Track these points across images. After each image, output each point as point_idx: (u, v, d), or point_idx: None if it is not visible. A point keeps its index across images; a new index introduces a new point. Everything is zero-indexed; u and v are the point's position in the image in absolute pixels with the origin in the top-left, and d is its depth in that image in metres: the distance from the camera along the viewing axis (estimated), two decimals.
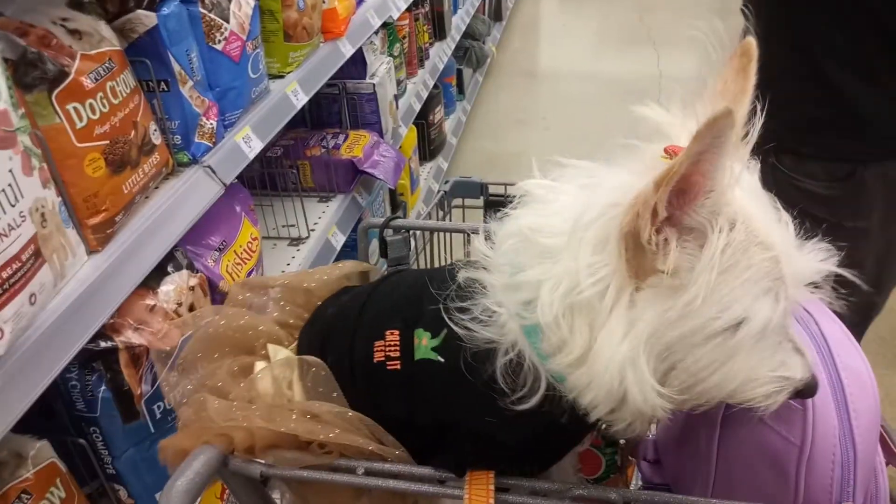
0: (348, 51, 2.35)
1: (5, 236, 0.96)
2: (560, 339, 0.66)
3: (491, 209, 1.36)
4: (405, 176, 3.15)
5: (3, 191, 0.95)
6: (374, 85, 2.63)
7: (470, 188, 1.38)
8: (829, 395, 0.72)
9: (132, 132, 1.28)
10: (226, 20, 1.58)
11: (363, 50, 2.59)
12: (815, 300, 0.82)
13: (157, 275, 1.38)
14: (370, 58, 2.68)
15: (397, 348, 0.77)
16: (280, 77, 2.00)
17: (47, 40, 1.12)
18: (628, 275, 0.62)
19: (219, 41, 1.57)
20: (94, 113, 1.18)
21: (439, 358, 0.74)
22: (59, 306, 1.11)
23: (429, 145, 3.76)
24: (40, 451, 1.14)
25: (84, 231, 1.20)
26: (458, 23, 4.38)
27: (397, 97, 2.97)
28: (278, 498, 0.92)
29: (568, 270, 0.64)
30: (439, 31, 4.03)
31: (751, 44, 0.71)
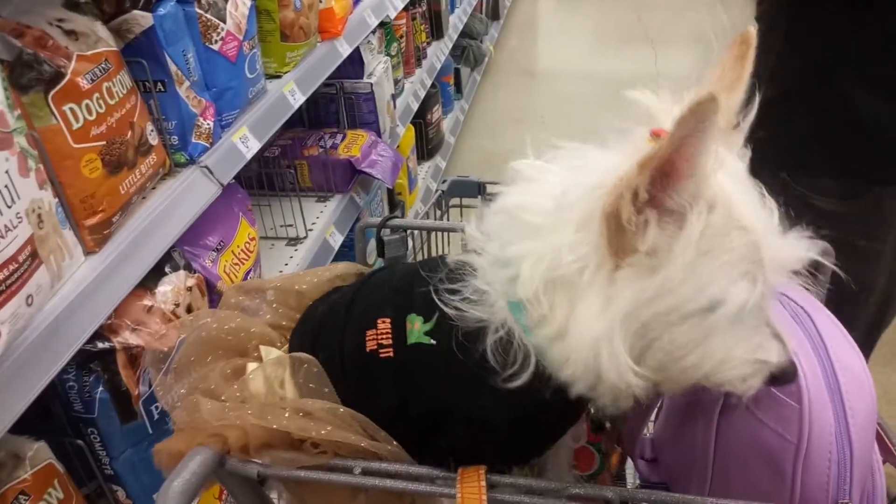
0: (345, 50, 2.35)
1: (2, 238, 0.95)
2: (540, 314, 0.67)
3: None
4: (403, 175, 3.15)
5: (0, 192, 0.95)
6: (371, 84, 2.63)
7: (467, 187, 1.38)
8: (826, 394, 0.72)
9: (129, 133, 1.28)
10: (222, 20, 1.58)
11: (360, 49, 2.59)
12: (810, 297, 0.82)
13: (155, 275, 1.38)
14: (367, 57, 2.68)
15: (389, 336, 0.78)
16: (277, 77, 2.00)
17: (43, 41, 1.11)
18: (609, 253, 0.63)
19: (215, 41, 1.57)
20: (90, 114, 1.18)
21: (431, 341, 0.75)
22: (56, 307, 1.11)
23: (427, 144, 3.76)
24: (38, 452, 1.14)
25: (81, 232, 1.20)
26: (455, 22, 4.38)
27: (395, 96, 2.97)
28: (276, 497, 0.92)
29: (550, 247, 0.65)
30: (437, 31, 4.03)
31: (750, 32, 0.72)
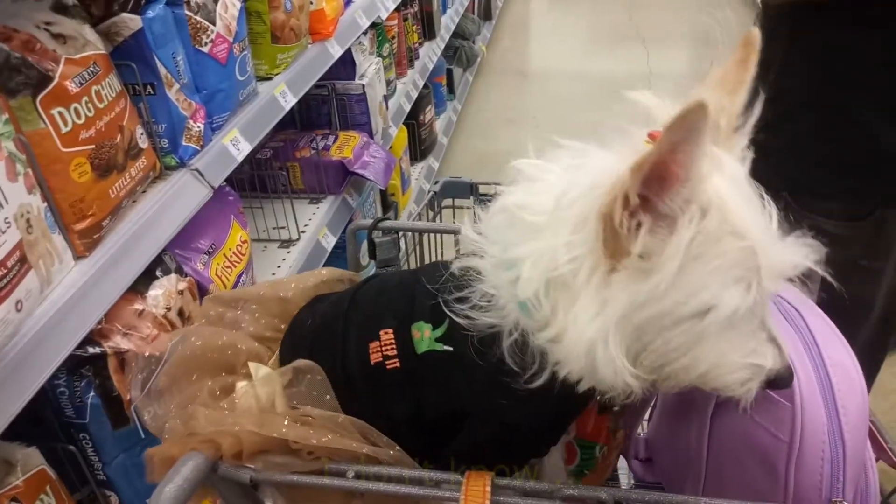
0: (337, 52, 2.34)
1: None
2: (542, 315, 0.67)
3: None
4: (396, 176, 3.15)
5: None
6: (363, 86, 2.62)
7: (460, 188, 1.38)
8: (818, 392, 0.73)
9: (118, 136, 1.27)
10: (212, 22, 1.58)
11: (352, 51, 2.58)
12: (802, 296, 0.82)
13: (146, 279, 1.38)
14: (359, 58, 2.67)
15: (393, 347, 0.78)
16: (268, 79, 2.00)
17: (31, 45, 1.11)
18: (604, 255, 0.63)
19: (205, 44, 1.57)
20: (79, 117, 1.17)
21: (446, 347, 0.75)
22: (46, 312, 1.10)
23: (419, 145, 3.76)
24: (29, 458, 1.13)
25: (71, 236, 1.19)
26: (447, 22, 4.38)
27: (387, 97, 2.97)
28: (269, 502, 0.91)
29: (548, 247, 0.65)
30: (428, 31, 4.03)
31: (754, 35, 0.71)
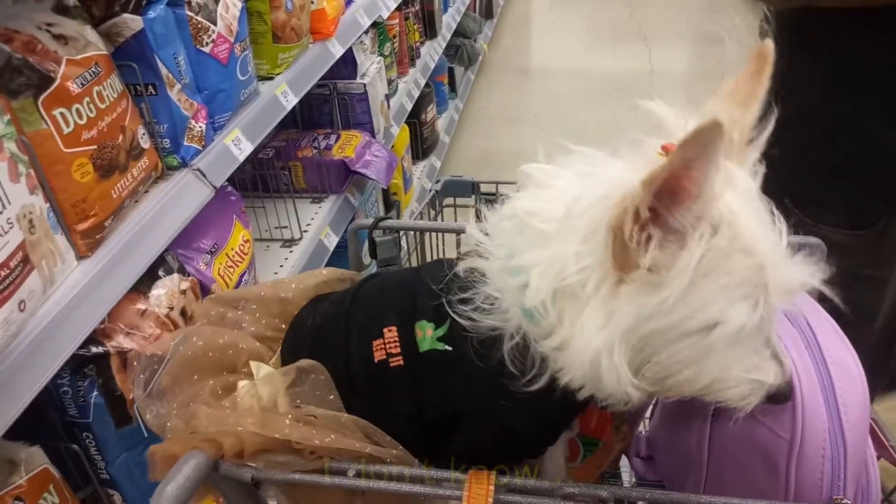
0: (338, 51, 2.34)
1: None
2: (548, 323, 0.67)
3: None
4: (398, 175, 3.15)
5: None
6: (364, 85, 2.62)
7: (461, 187, 1.38)
8: (818, 390, 0.73)
9: (120, 136, 1.27)
10: (213, 22, 1.58)
11: (353, 50, 2.58)
12: (804, 294, 0.82)
13: (148, 279, 1.38)
14: (360, 58, 2.67)
15: (397, 345, 0.78)
16: (269, 79, 2.00)
17: (32, 46, 1.11)
18: (612, 267, 0.63)
19: (206, 44, 1.57)
20: (80, 118, 1.17)
21: (447, 347, 0.75)
22: (49, 312, 1.11)
23: (421, 144, 3.76)
24: (33, 457, 1.13)
25: (73, 237, 1.19)
26: (448, 21, 4.38)
27: (388, 97, 2.97)
28: (272, 502, 0.92)
29: (557, 256, 0.65)
30: (430, 30, 4.03)
31: (768, 47, 0.71)
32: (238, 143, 1.68)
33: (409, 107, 3.34)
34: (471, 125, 4.76)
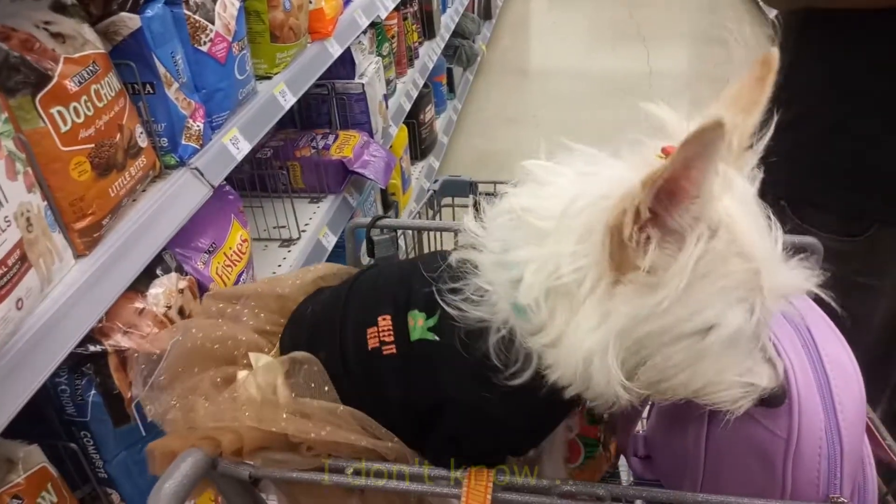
0: (336, 51, 2.34)
1: None
2: (539, 320, 0.67)
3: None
4: (396, 175, 3.15)
5: None
6: (363, 85, 2.63)
7: (459, 187, 1.38)
8: (815, 389, 0.73)
9: (118, 135, 1.27)
10: (211, 22, 1.58)
11: (351, 50, 2.58)
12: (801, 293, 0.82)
13: (146, 278, 1.38)
14: (359, 58, 2.67)
15: (391, 333, 0.78)
16: (267, 78, 2.00)
17: (30, 44, 1.11)
18: (609, 267, 0.62)
19: (204, 43, 1.57)
20: (78, 116, 1.17)
21: (435, 337, 0.75)
22: (46, 311, 1.10)
23: (420, 144, 3.76)
24: (31, 455, 1.13)
25: (71, 235, 1.19)
26: (447, 21, 4.38)
27: (387, 97, 2.97)
28: (272, 501, 0.91)
29: (552, 254, 0.65)
30: (428, 30, 4.03)
31: (773, 55, 0.71)
32: (236, 143, 1.68)
33: (408, 107, 3.34)
34: (469, 126, 4.76)
